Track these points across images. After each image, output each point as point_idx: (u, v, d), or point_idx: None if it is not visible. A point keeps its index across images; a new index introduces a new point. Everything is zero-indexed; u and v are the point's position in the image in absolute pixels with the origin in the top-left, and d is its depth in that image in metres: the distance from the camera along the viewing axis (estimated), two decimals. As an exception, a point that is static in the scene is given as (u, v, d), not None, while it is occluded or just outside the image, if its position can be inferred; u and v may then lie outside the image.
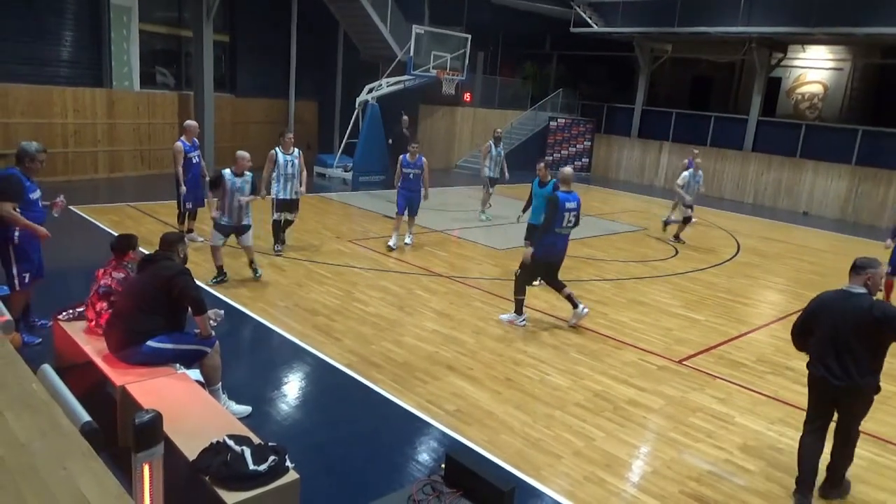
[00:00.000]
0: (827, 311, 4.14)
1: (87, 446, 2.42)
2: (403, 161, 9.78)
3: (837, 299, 4.16)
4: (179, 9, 15.55)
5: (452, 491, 3.19)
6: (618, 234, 12.71)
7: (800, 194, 18.13)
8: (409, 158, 9.78)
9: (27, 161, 5.47)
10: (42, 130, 12.89)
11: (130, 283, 4.65)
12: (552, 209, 6.85)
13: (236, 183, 7.50)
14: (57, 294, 6.29)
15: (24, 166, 5.47)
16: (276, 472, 3.31)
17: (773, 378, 6.23)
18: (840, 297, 4.16)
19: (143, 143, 14.72)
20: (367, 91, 16.24)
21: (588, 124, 22.47)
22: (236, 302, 7.03)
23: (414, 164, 9.75)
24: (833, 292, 4.24)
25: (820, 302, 4.23)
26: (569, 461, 4.48)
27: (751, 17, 17.51)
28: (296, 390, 5.38)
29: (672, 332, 7.28)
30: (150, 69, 15.19)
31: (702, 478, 4.42)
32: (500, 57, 23.25)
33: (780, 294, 9.43)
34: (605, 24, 20.54)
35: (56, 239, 5.66)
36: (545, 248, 6.93)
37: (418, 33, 15.98)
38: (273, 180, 8.86)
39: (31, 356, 4.40)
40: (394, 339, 6.41)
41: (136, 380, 4.18)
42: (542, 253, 6.92)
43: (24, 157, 5.47)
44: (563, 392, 5.55)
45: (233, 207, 7.46)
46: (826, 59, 21.23)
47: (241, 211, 7.51)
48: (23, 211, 5.38)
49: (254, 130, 17.33)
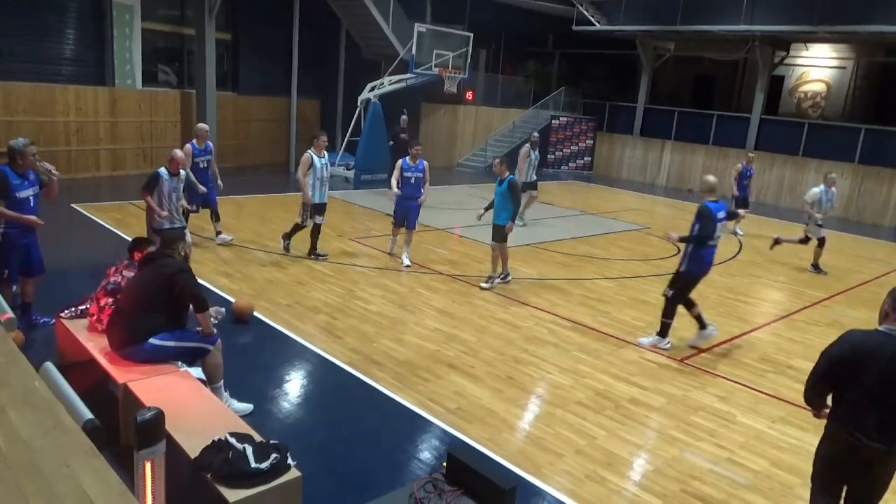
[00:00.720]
0: (869, 359, 3.13)
1: (90, 444, 2.43)
2: (404, 164, 8.97)
3: (880, 344, 3.15)
4: (182, 7, 15.55)
5: (454, 489, 3.19)
6: (620, 232, 12.70)
7: (802, 193, 18.00)
8: (411, 161, 8.99)
9: (18, 158, 5.50)
10: (44, 128, 12.92)
11: (131, 282, 4.66)
12: (706, 221, 6.25)
13: (172, 183, 7.19)
14: (59, 292, 6.30)
15: (14, 164, 5.50)
16: (278, 470, 3.32)
17: (774, 377, 6.23)
18: (882, 340, 3.16)
19: (145, 141, 14.74)
20: (369, 89, 16.24)
21: (590, 123, 22.44)
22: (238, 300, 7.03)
23: (416, 167, 8.97)
24: (867, 334, 3.23)
25: (853, 347, 3.20)
26: (570, 459, 4.49)
27: (754, 15, 17.47)
28: (297, 388, 5.39)
29: (674, 330, 7.26)
30: (152, 67, 15.20)
31: (703, 476, 4.42)
32: (503, 55, 23.22)
33: (782, 293, 9.42)
34: (608, 22, 20.50)
35: (58, 237, 5.69)
36: (697, 262, 6.40)
37: (420, 31, 15.98)
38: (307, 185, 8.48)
39: (34, 354, 4.41)
40: (395, 337, 6.41)
41: (138, 377, 4.19)
42: (693, 267, 6.42)
43: (13, 154, 5.51)
44: (564, 390, 5.56)
45: (171, 209, 7.18)
46: (829, 57, 21.18)
47: (177, 212, 7.30)
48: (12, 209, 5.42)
49: (256, 128, 17.35)
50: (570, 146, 22.25)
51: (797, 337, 7.43)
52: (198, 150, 8.80)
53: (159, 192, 7.06)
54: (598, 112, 22.83)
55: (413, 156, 9.03)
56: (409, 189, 8.98)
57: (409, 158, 9.03)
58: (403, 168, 8.99)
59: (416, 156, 9.04)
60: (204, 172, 8.89)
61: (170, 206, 7.16)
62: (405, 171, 9.00)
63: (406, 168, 9.01)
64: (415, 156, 9.03)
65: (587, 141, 22.45)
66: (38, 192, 5.71)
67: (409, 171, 9.03)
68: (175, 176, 7.20)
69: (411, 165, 9.02)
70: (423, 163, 9.08)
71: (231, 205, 12.09)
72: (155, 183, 7.03)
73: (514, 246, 10.51)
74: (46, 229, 5.94)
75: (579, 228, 12.80)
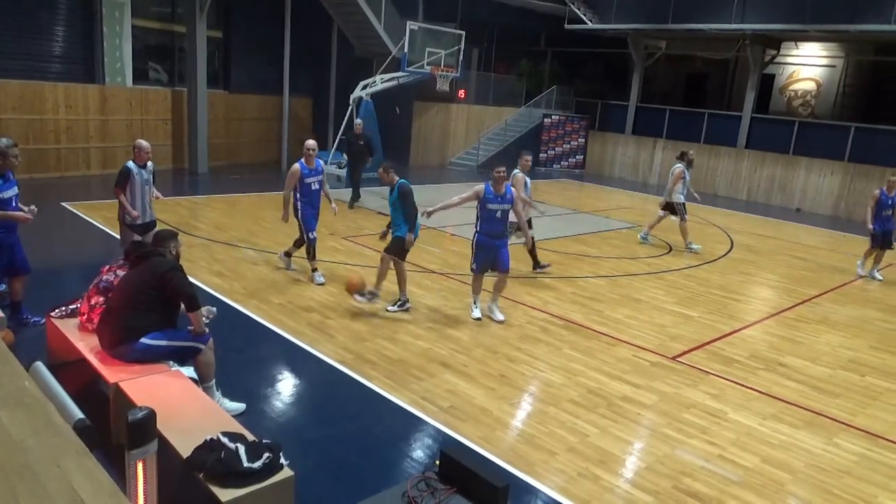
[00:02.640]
0: None
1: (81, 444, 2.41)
2: (487, 193, 6.80)
3: None
4: (172, 4, 15.46)
5: (447, 487, 3.19)
6: (612, 230, 12.73)
7: (793, 191, 18.19)
8: (495, 189, 6.79)
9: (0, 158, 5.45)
10: (34, 126, 12.83)
11: (123, 280, 4.63)
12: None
13: (143, 174, 6.81)
14: (49, 291, 6.27)
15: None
16: (271, 470, 3.31)
17: (765, 374, 6.26)
18: None
19: (135, 139, 14.59)
20: (361, 87, 16.20)
21: (582, 121, 22.48)
22: (230, 299, 7.02)
23: (502, 197, 6.83)
24: None
25: None
26: (563, 457, 4.50)
27: (744, 13, 17.55)
28: (290, 387, 5.38)
29: (666, 328, 7.31)
30: (143, 65, 15.11)
31: (695, 473, 4.44)
32: (495, 53, 23.22)
33: (773, 290, 9.47)
34: (600, 20, 20.54)
35: (48, 235, 5.64)
36: None
37: (412, 30, 15.95)
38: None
39: (24, 354, 4.38)
40: (388, 336, 6.41)
41: (129, 377, 4.17)
42: None
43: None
44: (557, 388, 5.57)
45: (144, 203, 6.85)
46: (819, 56, 21.30)
47: (149, 206, 6.98)
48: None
49: (247, 127, 17.29)
50: (563, 145, 22.29)
51: (788, 334, 7.48)
52: (307, 171, 7.67)
53: (131, 186, 6.77)
54: (590, 110, 22.88)
55: (496, 180, 6.77)
56: (495, 226, 6.89)
57: (493, 185, 6.79)
58: (487, 198, 6.78)
59: (501, 181, 6.79)
60: (315, 195, 7.79)
61: (143, 200, 6.88)
62: (489, 203, 6.77)
63: (491, 198, 6.79)
64: (499, 180, 6.77)
65: (579, 139, 22.49)
66: (17, 193, 5.66)
67: (494, 203, 6.81)
68: (143, 168, 6.88)
69: (497, 194, 6.79)
70: (510, 190, 6.91)
71: (223, 203, 12.06)
72: (126, 178, 6.73)
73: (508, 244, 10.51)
74: (36, 228, 5.91)
75: (571, 227, 12.83)
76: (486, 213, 6.81)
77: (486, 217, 6.83)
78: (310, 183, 7.69)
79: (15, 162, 5.60)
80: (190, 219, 10.53)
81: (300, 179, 7.64)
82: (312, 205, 7.75)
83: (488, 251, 6.92)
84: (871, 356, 6.99)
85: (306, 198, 7.68)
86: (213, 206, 11.78)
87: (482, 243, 6.92)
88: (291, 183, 7.64)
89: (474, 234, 6.97)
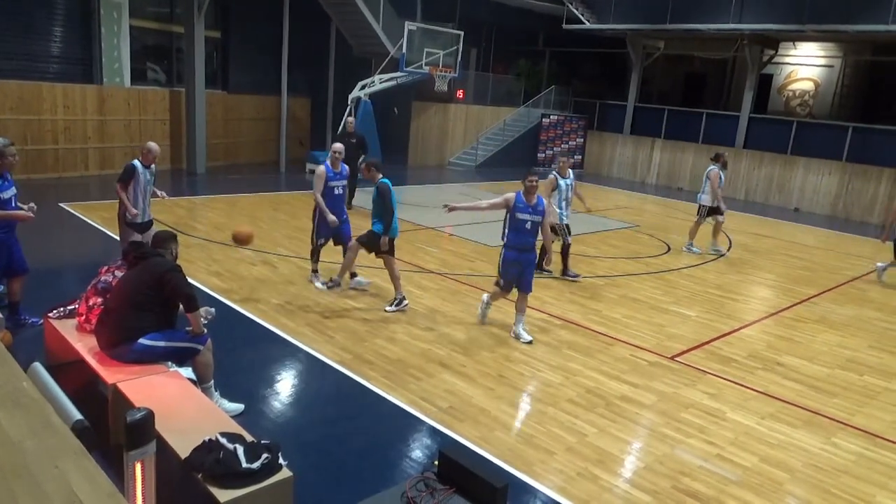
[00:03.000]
0: None
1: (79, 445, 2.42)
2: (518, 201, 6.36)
3: None
4: (171, 4, 15.46)
5: (445, 488, 3.20)
6: (610, 230, 12.74)
7: (791, 191, 18.22)
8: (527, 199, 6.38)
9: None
10: (32, 127, 12.81)
11: (121, 281, 4.62)
12: None
13: (146, 175, 6.85)
14: (47, 292, 6.26)
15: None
16: (270, 470, 3.31)
17: (763, 374, 6.27)
18: None
19: (133, 139, 14.63)
20: (359, 87, 16.21)
21: (581, 121, 22.50)
22: (228, 299, 7.01)
23: (534, 207, 6.40)
24: None
25: None
26: (561, 457, 4.50)
27: (742, 14, 17.57)
28: (288, 388, 5.38)
29: (664, 328, 7.31)
30: (141, 65, 15.10)
31: (693, 473, 4.45)
32: (493, 54, 23.23)
33: (771, 290, 9.48)
34: (598, 20, 20.56)
35: (46, 236, 5.64)
36: None
37: (411, 30, 15.97)
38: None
39: (22, 354, 4.37)
40: (386, 336, 6.41)
41: (127, 378, 4.16)
42: None
43: None
44: (555, 388, 5.57)
45: (144, 203, 6.87)
46: (817, 56, 21.33)
47: (148, 206, 7.00)
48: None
49: (246, 127, 17.28)
50: (561, 144, 22.29)
51: (786, 334, 7.49)
52: (333, 174, 7.44)
53: (135, 184, 6.77)
54: (588, 110, 22.90)
55: (528, 190, 6.29)
56: (524, 238, 6.39)
57: (524, 194, 6.33)
58: (517, 207, 6.31)
59: (533, 190, 6.29)
60: (339, 200, 7.62)
61: (144, 201, 6.90)
62: (519, 213, 6.31)
63: (521, 207, 6.31)
64: (530, 190, 6.28)
65: (577, 139, 22.51)
66: (16, 193, 5.66)
67: (524, 213, 6.32)
68: (148, 168, 6.90)
69: (528, 204, 6.32)
70: (542, 201, 6.43)
71: (222, 203, 12.06)
72: (131, 175, 6.73)
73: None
74: (34, 228, 5.91)
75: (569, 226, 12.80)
76: (516, 223, 6.39)
77: (515, 227, 6.39)
78: (333, 187, 7.48)
79: (12, 161, 5.59)
80: (188, 219, 10.53)
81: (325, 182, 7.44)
82: (333, 209, 7.46)
83: (516, 267, 6.50)
84: (869, 356, 7.00)
85: (328, 201, 7.44)
86: (211, 207, 11.77)
87: (510, 259, 6.49)
88: (320, 185, 7.38)
89: (502, 249, 6.57)
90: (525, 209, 6.31)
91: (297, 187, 14.41)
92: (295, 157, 17.41)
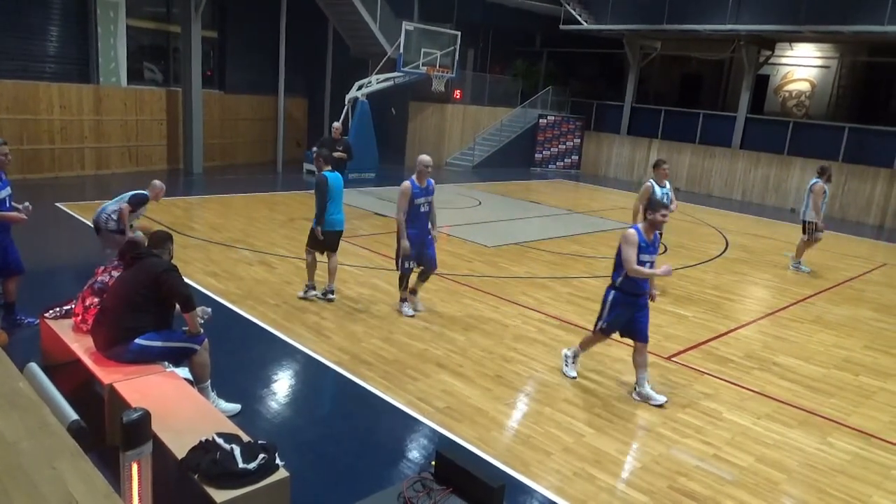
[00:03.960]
0: None
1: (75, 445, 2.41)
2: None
3: None
4: (167, 4, 15.45)
5: (442, 488, 3.20)
6: (607, 231, 12.75)
7: (787, 191, 18.25)
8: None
9: None
10: (28, 127, 12.78)
11: (118, 281, 4.62)
12: None
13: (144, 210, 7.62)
14: (43, 292, 6.24)
15: None
16: (266, 470, 3.31)
17: (760, 374, 6.28)
18: None
19: (130, 139, 14.63)
20: (356, 88, 16.21)
21: (578, 121, 22.52)
22: (225, 299, 7.00)
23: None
24: None
25: None
26: (558, 457, 4.51)
27: (739, 14, 17.61)
28: (285, 388, 5.37)
29: (661, 328, 7.32)
30: (137, 65, 15.09)
31: (690, 473, 4.45)
32: (490, 54, 23.25)
33: (768, 290, 9.50)
34: (595, 21, 20.58)
35: (42, 236, 5.62)
36: None
37: (408, 30, 15.97)
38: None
39: (18, 355, 4.36)
40: (384, 336, 6.40)
41: (124, 378, 4.16)
42: None
43: None
44: (552, 388, 5.58)
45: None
46: (813, 56, 21.38)
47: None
48: None
49: (243, 127, 17.27)
50: (558, 145, 22.34)
51: (782, 334, 7.50)
52: (418, 189, 6.67)
53: (134, 214, 7.22)
54: (585, 111, 22.92)
55: (652, 225, 5.34)
56: (642, 283, 5.44)
57: (645, 230, 5.32)
58: (641, 248, 5.26)
59: (658, 227, 5.42)
60: (424, 218, 6.82)
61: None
62: (643, 253, 5.28)
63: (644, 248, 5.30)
64: (655, 225, 5.36)
65: (574, 140, 22.53)
66: (10, 193, 5.64)
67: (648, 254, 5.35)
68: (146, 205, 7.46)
69: (650, 244, 5.35)
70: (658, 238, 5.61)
71: (218, 204, 12.04)
72: (142, 203, 7.23)
73: (504, 245, 10.54)
74: (30, 228, 5.89)
75: (567, 227, 12.85)
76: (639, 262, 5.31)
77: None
78: (419, 204, 6.69)
79: (5, 161, 5.58)
80: (185, 219, 10.51)
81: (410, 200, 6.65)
82: (418, 228, 6.75)
83: (630, 310, 5.45)
84: (864, 355, 7.02)
85: (413, 220, 6.68)
86: (207, 207, 11.76)
87: (626, 303, 5.42)
88: (404, 203, 6.56)
89: (611, 288, 5.48)
90: (648, 249, 5.31)
91: (294, 188, 14.40)
92: (292, 157, 17.41)
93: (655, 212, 5.27)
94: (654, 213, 5.27)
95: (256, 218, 11.06)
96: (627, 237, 5.26)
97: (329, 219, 7.00)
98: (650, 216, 5.28)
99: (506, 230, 11.84)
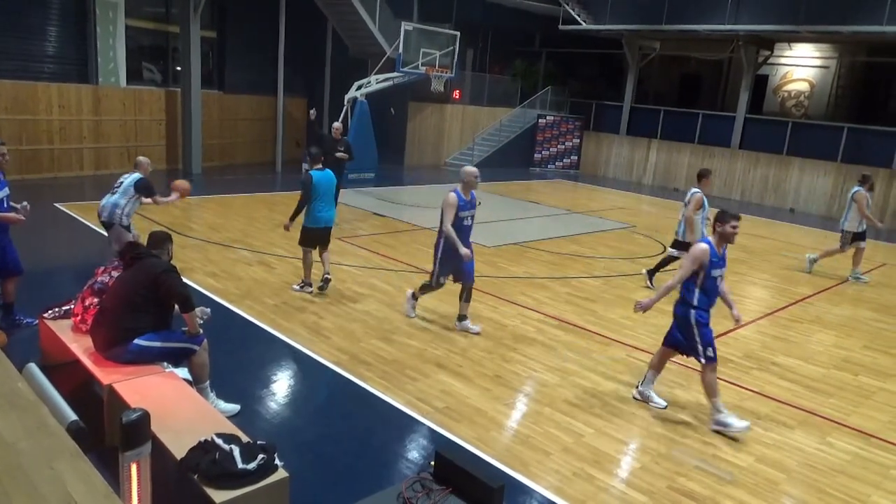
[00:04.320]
0: None
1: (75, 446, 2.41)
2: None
3: None
4: (166, 4, 15.44)
5: (442, 488, 3.20)
6: (606, 231, 12.76)
7: (786, 191, 18.27)
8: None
9: None
10: (27, 127, 12.77)
11: (117, 281, 4.62)
12: None
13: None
14: (42, 292, 6.24)
15: None
16: (265, 471, 3.31)
17: (759, 374, 6.29)
18: None
19: (129, 139, 14.62)
20: (355, 88, 16.20)
21: (577, 122, 22.54)
22: (224, 300, 7.00)
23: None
24: None
25: None
26: (558, 457, 4.51)
27: (738, 14, 17.62)
28: (285, 388, 5.37)
29: (660, 328, 7.28)
30: (136, 65, 15.08)
31: (689, 473, 4.46)
32: (490, 54, 23.26)
33: (767, 290, 9.50)
34: (594, 21, 20.59)
35: (41, 236, 5.62)
36: None
37: (407, 30, 15.96)
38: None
39: (17, 355, 4.36)
40: (383, 336, 6.40)
41: (123, 378, 4.15)
42: None
43: None
44: (551, 389, 5.58)
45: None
46: (812, 56, 21.40)
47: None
48: None
49: (242, 127, 17.26)
50: (557, 145, 22.34)
51: (781, 334, 7.51)
52: (464, 202, 6.41)
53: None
54: (584, 111, 22.94)
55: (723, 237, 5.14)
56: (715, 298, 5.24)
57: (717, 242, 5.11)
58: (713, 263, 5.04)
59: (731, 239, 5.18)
60: (467, 232, 6.53)
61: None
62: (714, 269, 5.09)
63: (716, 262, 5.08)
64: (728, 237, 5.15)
65: (574, 140, 22.54)
66: (8, 193, 5.64)
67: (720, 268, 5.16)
68: None
69: (721, 257, 5.14)
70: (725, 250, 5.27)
71: (217, 204, 12.04)
72: (148, 187, 7.27)
73: (503, 245, 10.54)
74: (29, 229, 5.89)
75: (566, 227, 12.85)
76: (711, 284, 5.03)
77: (711, 288, 5.05)
78: (463, 217, 6.43)
79: (4, 161, 5.58)
80: (184, 220, 10.51)
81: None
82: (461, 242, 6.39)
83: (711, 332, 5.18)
84: (864, 355, 7.02)
85: (457, 235, 6.39)
86: (206, 207, 11.75)
87: (705, 322, 5.14)
88: (451, 215, 6.30)
89: (692, 309, 5.13)
90: (719, 263, 5.05)
91: (294, 188, 14.36)
92: (291, 157, 17.40)
93: (725, 223, 4.99)
94: (724, 225, 5.00)
95: (256, 218, 11.06)
96: (698, 253, 4.90)
97: (315, 216, 7.23)
98: (720, 228, 5.02)
99: (505, 230, 11.84)
